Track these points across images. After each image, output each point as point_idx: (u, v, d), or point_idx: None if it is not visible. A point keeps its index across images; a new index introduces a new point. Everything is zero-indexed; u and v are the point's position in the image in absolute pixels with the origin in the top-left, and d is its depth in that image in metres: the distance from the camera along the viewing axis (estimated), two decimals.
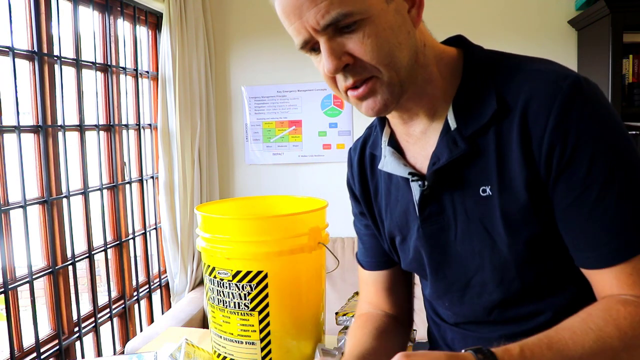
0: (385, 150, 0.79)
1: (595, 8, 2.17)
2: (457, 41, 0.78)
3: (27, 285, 1.78)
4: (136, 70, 2.45)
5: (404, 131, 0.79)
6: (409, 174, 0.75)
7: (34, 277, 1.81)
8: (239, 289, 1.03)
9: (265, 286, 1.03)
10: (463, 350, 0.58)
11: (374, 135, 0.86)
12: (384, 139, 0.81)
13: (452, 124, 0.71)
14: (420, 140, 0.77)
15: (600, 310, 0.63)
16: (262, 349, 1.05)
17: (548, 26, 2.54)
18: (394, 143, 0.80)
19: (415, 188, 0.76)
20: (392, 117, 0.79)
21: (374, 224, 0.90)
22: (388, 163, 0.78)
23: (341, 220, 2.49)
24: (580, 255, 0.67)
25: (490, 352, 0.57)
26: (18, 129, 1.73)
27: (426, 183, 0.73)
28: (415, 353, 0.58)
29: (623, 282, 0.64)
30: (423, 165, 0.76)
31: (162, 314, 2.57)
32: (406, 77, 0.68)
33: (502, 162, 0.69)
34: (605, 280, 0.65)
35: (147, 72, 2.59)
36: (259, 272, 1.02)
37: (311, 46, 0.68)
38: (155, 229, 2.65)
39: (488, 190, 0.70)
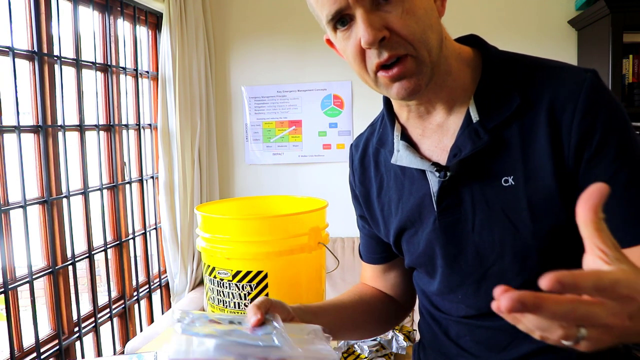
0: (399, 145, 0.80)
1: (595, 8, 2.17)
2: (471, 40, 0.80)
3: (27, 285, 1.78)
4: (136, 70, 2.45)
5: (418, 125, 0.80)
6: (432, 164, 0.76)
7: (34, 277, 1.81)
8: (239, 289, 1.03)
9: (265, 286, 1.03)
10: None
11: (379, 131, 0.87)
12: (396, 134, 0.82)
13: (475, 117, 0.73)
14: (435, 132, 0.78)
15: None
16: None
17: (548, 26, 2.54)
18: (406, 137, 0.81)
19: (434, 180, 0.77)
20: (408, 111, 0.80)
21: (373, 222, 0.91)
22: (403, 157, 0.79)
23: (341, 220, 2.49)
24: (615, 235, 0.68)
25: None
26: (18, 129, 1.73)
27: (448, 174, 0.74)
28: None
29: None
30: (440, 157, 0.77)
31: (162, 314, 2.57)
32: (436, 60, 0.70)
33: (527, 153, 0.71)
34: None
35: (147, 72, 2.59)
36: (259, 272, 1.02)
37: (341, 17, 0.68)
38: (155, 229, 2.65)
39: (510, 180, 0.72)
